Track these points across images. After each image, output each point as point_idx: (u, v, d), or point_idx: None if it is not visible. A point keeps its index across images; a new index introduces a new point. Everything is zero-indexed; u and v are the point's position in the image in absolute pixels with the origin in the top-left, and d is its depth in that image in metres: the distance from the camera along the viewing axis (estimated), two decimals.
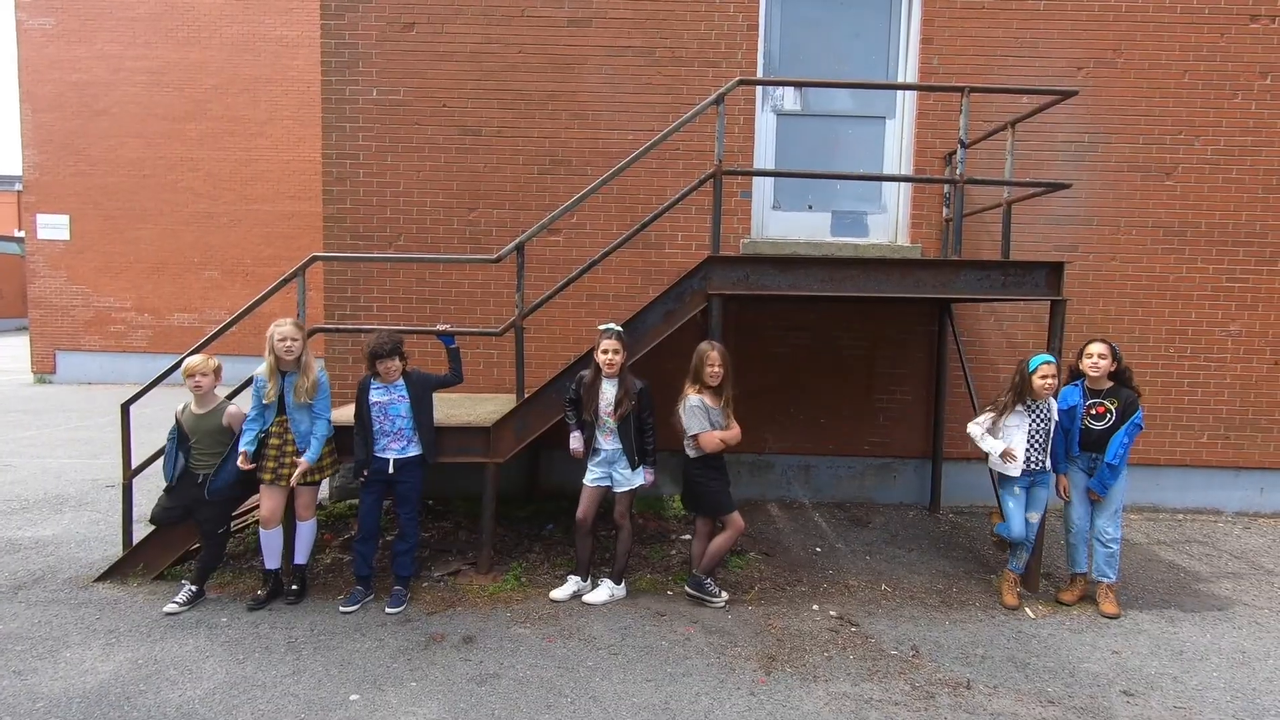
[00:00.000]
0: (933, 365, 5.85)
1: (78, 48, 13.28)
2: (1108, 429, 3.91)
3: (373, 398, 3.87)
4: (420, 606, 3.86)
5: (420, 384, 3.97)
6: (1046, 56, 5.63)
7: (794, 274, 4.20)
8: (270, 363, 3.77)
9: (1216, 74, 5.65)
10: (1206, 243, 5.77)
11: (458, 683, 3.12)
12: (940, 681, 3.22)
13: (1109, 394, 3.95)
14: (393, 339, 3.85)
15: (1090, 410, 3.97)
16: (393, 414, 3.87)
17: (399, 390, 3.90)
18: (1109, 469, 3.91)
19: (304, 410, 3.82)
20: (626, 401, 3.82)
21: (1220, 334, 5.83)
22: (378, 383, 3.89)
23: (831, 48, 5.75)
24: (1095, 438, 3.95)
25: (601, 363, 3.82)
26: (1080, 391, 4.00)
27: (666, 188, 5.61)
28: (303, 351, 3.81)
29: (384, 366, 3.82)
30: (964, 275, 4.22)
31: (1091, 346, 3.98)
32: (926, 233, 5.73)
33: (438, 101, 5.64)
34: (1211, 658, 3.50)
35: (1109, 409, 3.93)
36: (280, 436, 3.83)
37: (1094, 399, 3.97)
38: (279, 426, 3.82)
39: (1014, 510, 4.00)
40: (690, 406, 3.78)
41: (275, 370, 3.78)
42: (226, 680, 3.11)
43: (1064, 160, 5.66)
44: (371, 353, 3.81)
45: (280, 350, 3.74)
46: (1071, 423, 4.00)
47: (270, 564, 3.92)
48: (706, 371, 3.78)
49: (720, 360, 3.78)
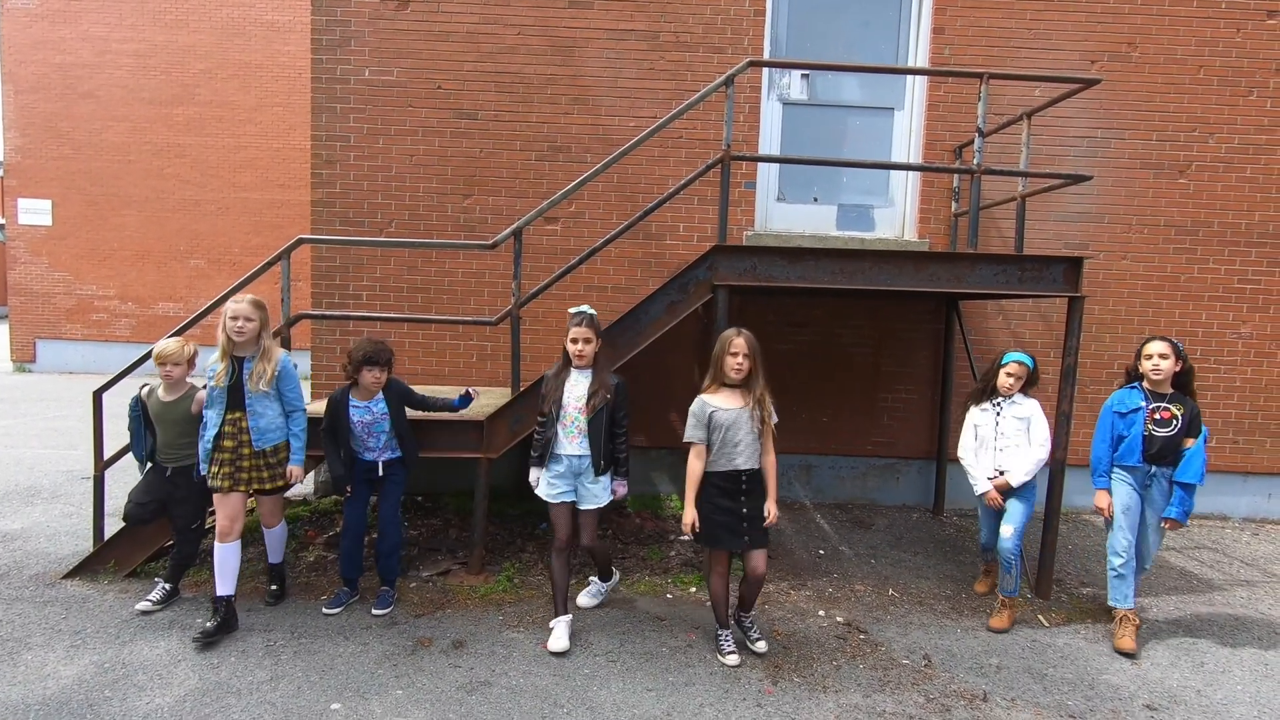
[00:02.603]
0: (938, 364, 5.70)
1: (62, 29, 12.94)
2: (1172, 436, 3.44)
3: (354, 416, 3.56)
4: (408, 608, 3.67)
5: (399, 398, 3.68)
6: (1060, 49, 5.49)
7: (804, 265, 4.03)
8: (223, 344, 3.34)
9: (1232, 70, 5.53)
10: (1219, 243, 5.65)
11: (447, 691, 2.94)
12: (955, 693, 3.06)
13: (1174, 399, 3.49)
14: (389, 350, 3.58)
15: (1154, 414, 3.48)
16: (377, 431, 3.60)
17: (380, 407, 3.59)
18: (1187, 491, 3.43)
19: (266, 400, 3.38)
20: (601, 394, 3.28)
21: (1231, 336, 5.72)
22: (356, 399, 3.56)
23: (840, 35, 5.59)
24: (1159, 447, 3.45)
25: (571, 353, 3.32)
26: (1143, 394, 3.54)
27: (669, 177, 5.43)
28: (261, 333, 3.39)
29: (372, 376, 3.50)
30: (979, 270, 4.06)
31: (1151, 345, 3.50)
32: (935, 228, 5.58)
33: (433, 83, 5.43)
34: (1234, 670, 3.36)
35: (1175, 414, 3.45)
36: (235, 437, 3.36)
37: (1157, 402, 3.50)
38: (232, 425, 3.35)
39: (982, 515, 3.84)
40: (692, 410, 3.18)
41: (228, 354, 3.35)
42: (199, 687, 2.91)
43: (1076, 156, 5.52)
44: (364, 358, 3.48)
45: (231, 330, 3.30)
46: (1130, 429, 3.51)
47: (222, 589, 3.35)
48: (727, 364, 3.10)
49: (747, 348, 3.09)
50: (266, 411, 3.39)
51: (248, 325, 3.32)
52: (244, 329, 3.31)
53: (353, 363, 3.54)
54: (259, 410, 3.37)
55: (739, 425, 3.08)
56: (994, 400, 3.75)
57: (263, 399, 3.37)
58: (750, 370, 3.11)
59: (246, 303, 3.37)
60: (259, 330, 3.38)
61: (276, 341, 3.52)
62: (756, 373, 3.13)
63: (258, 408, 3.37)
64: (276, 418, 3.43)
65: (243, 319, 3.32)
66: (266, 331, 3.42)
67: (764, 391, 3.13)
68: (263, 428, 3.38)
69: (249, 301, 3.38)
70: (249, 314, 3.35)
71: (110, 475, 4.10)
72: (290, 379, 3.47)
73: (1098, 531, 5.34)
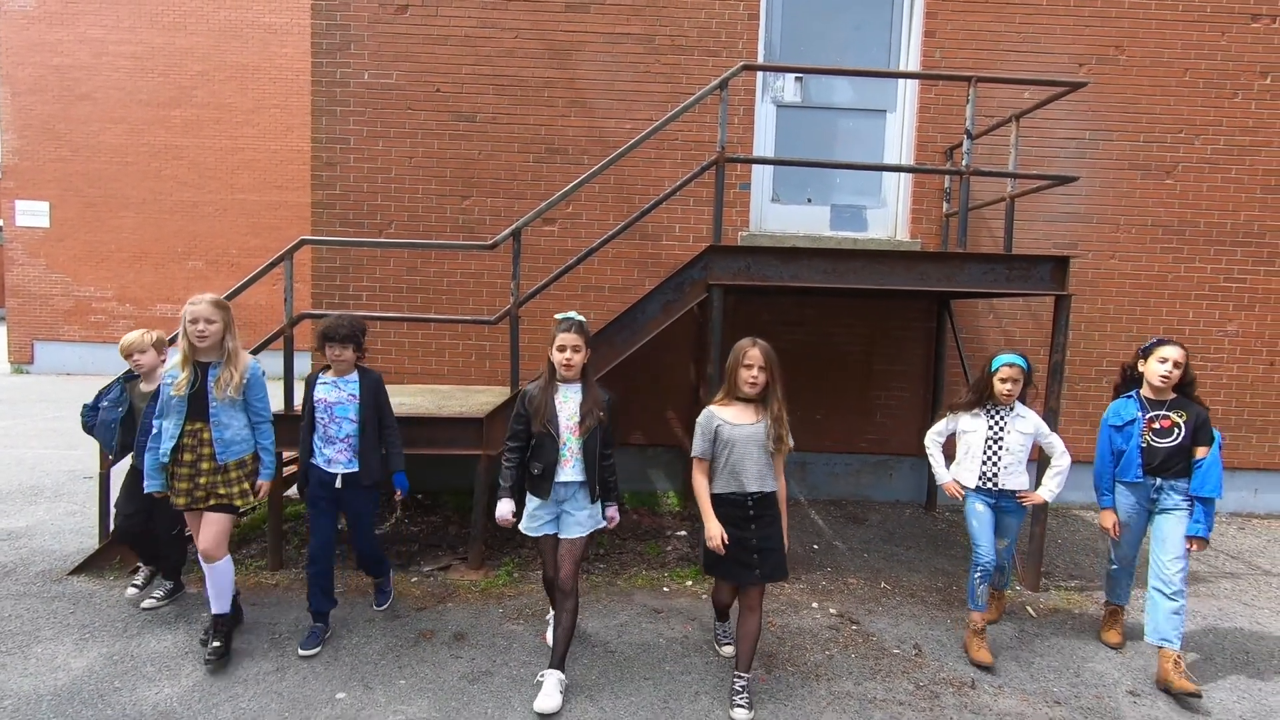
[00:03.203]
0: (930, 362, 5.79)
1: (59, 31, 12.98)
2: (1175, 447, 3.19)
3: (318, 394, 3.24)
4: (409, 602, 3.74)
5: (374, 390, 3.31)
6: (1049, 52, 5.59)
7: (796, 265, 4.11)
8: (183, 351, 3.02)
9: (1217, 73, 5.63)
10: (1205, 242, 5.75)
11: (449, 680, 3.01)
12: (944, 681, 3.15)
13: (1175, 406, 3.23)
14: (352, 324, 3.23)
15: (1151, 424, 3.23)
16: (339, 416, 3.22)
17: (350, 387, 3.25)
18: (1207, 506, 3.15)
19: (232, 410, 3.08)
20: (595, 413, 2.90)
21: (1217, 334, 5.82)
22: (327, 376, 3.28)
23: (833, 39, 5.68)
24: (1161, 459, 3.20)
25: (558, 363, 2.88)
26: (1138, 403, 3.29)
27: (664, 178, 5.52)
28: (225, 336, 3.07)
29: (333, 354, 3.19)
30: (969, 269, 4.15)
31: (1167, 349, 3.22)
32: (926, 228, 5.67)
33: (431, 86, 5.51)
34: (1216, 658, 3.45)
35: (1176, 423, 3.20)
36: (194, 450, 3.05)
37: (1155, 411, 3.25)
38: (192, 438, 3.04)
39: (977, 528, 3.36)
40: (698, 421, 2.90)
41: (189, 360, 3.03)
42: (206, 678, 2.98)
43: (1065, 157, 5.62)
44: (322, 333, 3.19)
45: (192, 335, 2.99)
46: (1127, 442, 3.28)
47: (219, 606, 3.12)
48: (741, 376, 2.80)
49: (763, 360, 2.78)
50: (232, 422, 3.09)
51: (209, 328, 3.01)
52: (205, 332, 3.01)
53: (316, 340, 3.27)
54: (224, 421, 3.07)
55: (749, 444, 2.79)
56: (990, 409, 3.41)
57: (228, 409, 3.08)
58: (766, 384, 2.81)
59: (206, 303, 3.04)
60: (223, 333, 3.07)
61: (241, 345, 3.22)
62: (774, 387, 2.82)
63: (223, 418, 3.07)
64: (242, 429, 3.14)
65: (203, 321, 3.01)
66: (231, 334, 3.11)
67: (781, 409, 2.82)
68: (227, 440, 3.08)
69: (208, 302, 3.04)
70: (209, 315, 3.02)
71: (115, 474, 4.16)
72: (259, 387, 3.17)
73: (1087, 526, 5.43)
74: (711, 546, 2.76)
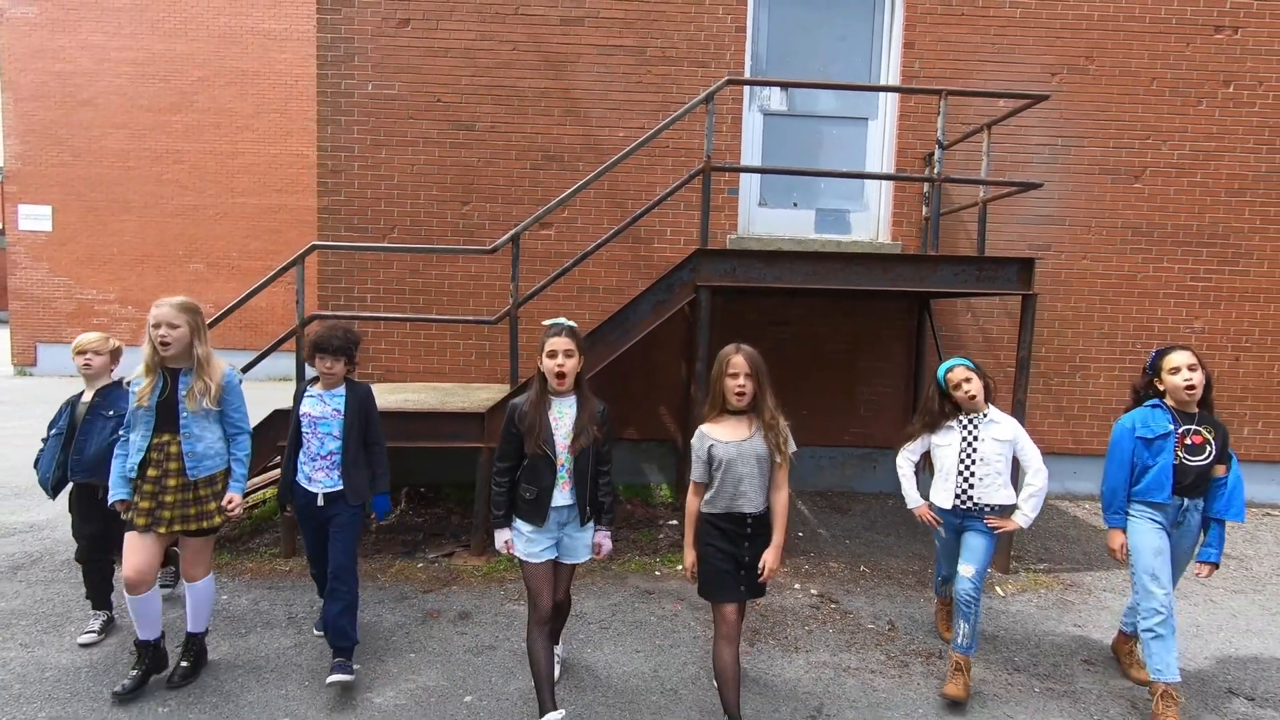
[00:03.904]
0: (911, 359, 6.05)
1: (61, 37, 13.18)
2: (1204, 466, 2.86)
3: (304, 407, 3.03)
4: (416, 585, 3.98)
5: (362, 404, 3.08)
6: (1022, 62, 5.85)
7: (779, 267, 4.36)
8: (148, 357, 2.79)
9: (1182, 81, 5.90)
10: (1172, 243, 6.02)
11: (455, 654, 3.25)
12: (914, 652, 3.40)
13: (1203, 421, 2.90)
14: (346, 335, 3.01)
15: (1183, 440, 2.87)
16: (323, 432, 3.00)
17: (335, 401, 3.03)
18: (1220, 530, 2.92)
19: (205, 421, 2.88)
20: (590, 428, 2.66)
21: (1184, 331, 6.09)
22: (315, 389, 3.07)
23: (817, 50, 5.93)
24: (1191, 479, 2.86)
25: (549, 372, 2.62)
26: (1168, 414, 2.92)
27: (656, 184, 5.76)
28: (194, 341, 2.83)
29: (324, 366, 2.99)
30: (941, 270, 4.41)
31: (1176, 356, 2.91)
32: (907, 230, 5.93)
33: (432, 96, 5.74)
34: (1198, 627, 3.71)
35: (1207, 440, 2.86)
36: (161, 465, 2.82)
37: (1187, 424, 2.89)
38: (159, 451, 2.82)
39: (939, 552, 3.24)
40: (692, 444, 2.70)
41: (155, 368, 2.81)
42: (231, 652, 3.22)
43: (1038, 162, 5.89)
44: (314, 343, 2.98)
45: (155, 340, 2.76)
46: (1157, 457, 2.89)
47: (146, 632, 2.89)
48: (727, 387, 2.59)
49: (748, 367, 2.57)
50: (205, 434, 2.88)
51: (172, 334, 2.77)
52: (169, 338, 2.76)
53: (307, 350, 3.05)
54: (196, 433, 2.85)
55: (742, 460, 2.56)
56: (962, 420, 3.10)
57: (201, 420, 2.86)
58: (754, 393, 2.60)
59: (169, 306, 2.79)
60: (189, 338, 2.82)
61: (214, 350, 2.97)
62: (763, 395, 2.62)
63: (195, 429, 2.85)
64: (216, 441, 2.91)
65: (165, 326, 2.75)
66: (200, 339, 2.87)
67: (775, 415, 2.63)
68: (199, 453, 2.86)
69: (172, 305, 2.80)
70: (172, 320, 2.77)
71: None
72: (237, 396, 2.97)
73: (1059, 514, 5.69)
74: (685, 571, 2.70)
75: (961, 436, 3.08)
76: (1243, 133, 5.94)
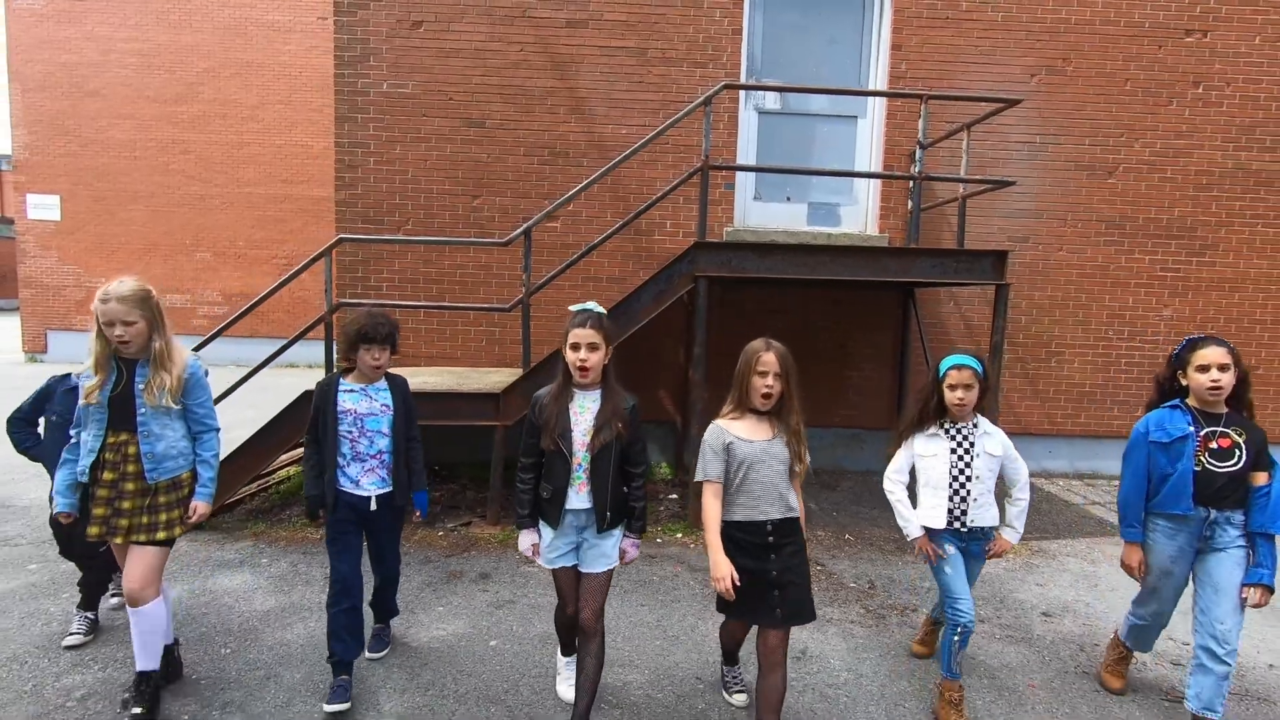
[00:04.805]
0: (898, 345, 6.41)
1: (67, 28, 13.36)
2: (1236, 472, 2.56)
3: (343, 403, 2.75)
4: (439, 551, 4.35)
5: (406, 395, 2.93)
6: (1003, 64, 6.18)
7: (772, 259, 4.71)
8: (98, 348, 2.48)
9: (1155, 82, 6.24)
10: (1143, 236, 6.38)
11: (478, 607, 3.63)
12: (890, 607, 3.79)
13: (1231, 422, 2.60)
14: (390, 322, 2.79)
15: (1207, 443, 2.59)
16: (371, 429, 2.77)
17: (381, 396, 2.82)
18: (1270, 546, 2.55)
19: (166, 418, 2.57)
20: (614, 423, 2.45)
21: (1154, 318, 6.47)
22: (351, 383, 2.81)
23: (810, 51, 6.25)
24: (1219, 485, 2.57)
25: (571, 364, 2.44)
26: (1187, 415, 2.65)
27: (656, 179, 6.09)
28: (152, 333, 2.51)
29: (371, 358, 2.75)
30: (921, 262, 4.76)
31: (1207, 351, 2.58)
32: (894, 223, 6.28)
33: (444, 95, 6.05)
34: (1120, 590, 4.11)
35: (1236, 442, 2.57)
36: (117, 467, 2.53)
37: (1211, 427, 2.60)
38: (115, 452, 2.52)
39: (951, 575, 2.77)
40: (705, 440, 2.46)
41: (105, 360, 2.49)
42: (277, 605, 3.58)
43: (1017, 159, 6.23)
44: (359, 334, 2.72)
45: (112, 339, 2.45)
46: (1175, 463, 2.62)
47: (145, 662, 2.57)
48: (754, 385, 2.39)
49: (779, 366, 2.38)
50: (166, 433, 2.58)
51: (129, 331, 2.45)
52: (126, 337, 2.45)
53: (347, 340, 2.76)
54: (156, 431, 2.56)
55: (766, 463, 2.38)
56: (948, 427, 2.79)
57: (161, 417, 2.56)
58: (783, 394, 2.40)
59: (118, 302, 2.42)
60: (147, 332, 2.51)
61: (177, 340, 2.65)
62: (791, 397, 2.41)
63: (154, 428, 2.55)
64: (179, 440, 2.62)
65: (120, 325, 2.43)
66: (159, 330, 2.53)
67: (799, 423, 2.43)
68: (159, 454, 2.56)
69: (123, 300, 2.43)
70: (125, 316, 2.43)
71: None
72: (201, 389, 2.67)
73: (1034, 490, 6.05)
74: (719, 590, 2.31)
75: (951, 448, 2.76)
76: (1211, 131, 6.29)
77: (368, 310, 2.83)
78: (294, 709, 2.73)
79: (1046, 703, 2.96)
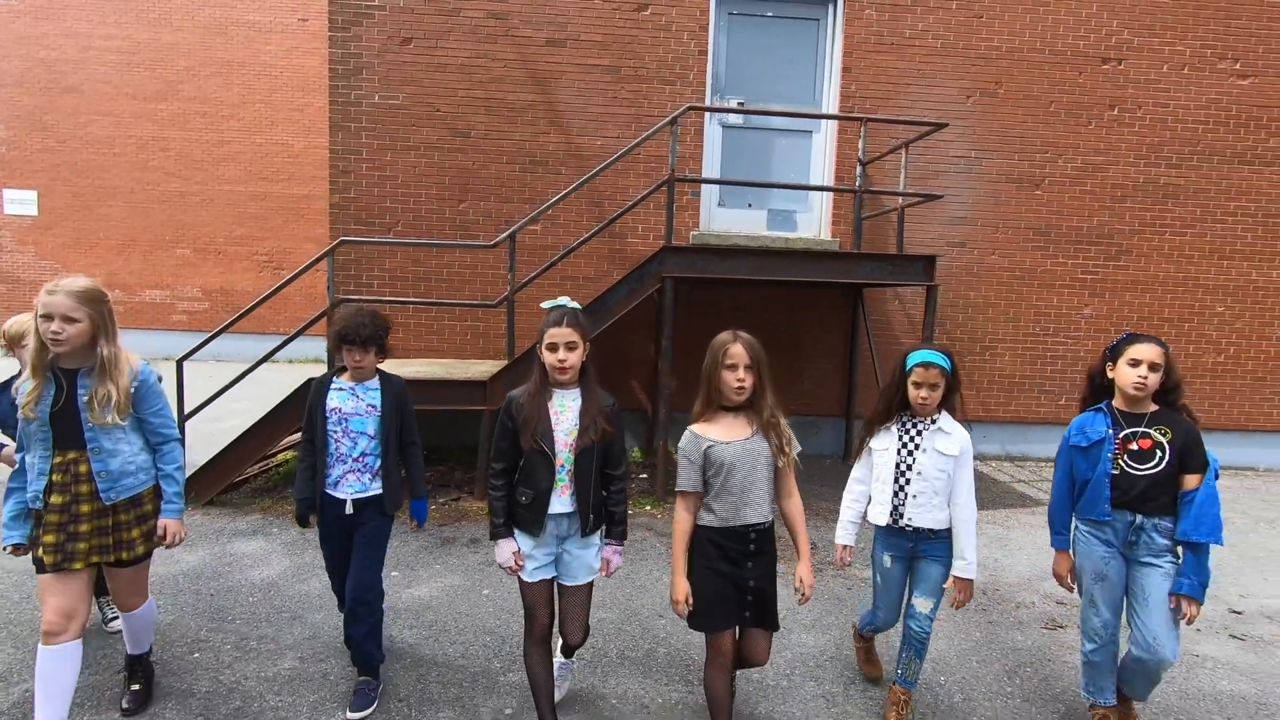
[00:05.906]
0: (848, 340, 7.05)
1: (45, 24, 13.45)
2: (1159, 474, 2.45)
3: (331, 401, 2.67)
4: (431, 521, 4.85)
5: (400, 397, 2.80)
6: (942, 86, 6.84)
7: (732, 262, 5.29)
8: (34, 354, 2.22)
9: (1076, 105, 6.96)
10: (1066, 242, 7.10)
11: (471, 565, 4.15)
12: (827, 563, 4.40)
13: (1155, 420, 2.50)
14: (374, 322, 2.65)
15: (1126, 444, 2.51)
16: (355, 430, 2.67)
17: (370, 396, 2.71)
18: (1198, 554, 2.40)
19: (118, 432, 2.34)
20: (598, 422, 2.35)
21: (1076, 316, 7.20)
22: (342, 381, 2.72)
23: (769, 71, 6.85)
24: (1140, 490, 2.47)
25: (550, 366, 2.34)
26: (1107, 418, 2.57)
27: (629, 186, 6.63)
28: (97, 336, 2.27)
29: (353, 359, 2.64)
30: (863, 265, 5.38)
31: (1139, 348, 2.48)
32: (845, 229, 6.90)
33: (432, 107, 6.52)
34: (1027, 549, 4.77)
35: (1158, 443, 2.46)
36: (67, 489, 2.28)
37: (1132, 428, 2.51)
38: (64, 473, 2.27)
39: (879, 583, 2.75)
40: (680, 449, 2.37)
41: (43, 368, 2.23)
42: (292, 566, 4.06)
43: (954, 172, 6.91)
44: (339, 334, 2.60)
45: (45, 335, 2.19)
46: (1093, 469, 2.54)
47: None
48: (724, 380, 2.28)
49: (749, 358, 2.28)
50: (120, 447, 2.35)
51: (67, 329, 2.20)
52: (62, 335, 2.19)
53: (331, 340, 2.69)
54: (108, 447, 2.32)
55: (746, 463, 2.26)
56: (905, 421, 2.65)
57: (113, 431, 2.33)
58: (755, 386, 2.29)
59: (65, 294, 2.20)
60: (90, 333, 2.26)
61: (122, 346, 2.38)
62: (764, 389, 2.30)
63: (105, 443, 2.32)
64: (136, 454, 2.40)
65: (59, 320, 2.19)
66: (107, 335, 2.29)
67: (775, 413, 2.32)
68: (115, 471, 2.33)
69: (70, 292, 2.21)
70: (69, 311, 2.20)
71: None
72: (155, 397, 2.44)
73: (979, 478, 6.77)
74: (675, 610, 2.28)
75: (902, 441, 2.63)
76: (1125, 149, 7.03)
77: (354, 309, 2.72)
78: (320, 641, 3.23)
79: (948, 634, 3.58)
